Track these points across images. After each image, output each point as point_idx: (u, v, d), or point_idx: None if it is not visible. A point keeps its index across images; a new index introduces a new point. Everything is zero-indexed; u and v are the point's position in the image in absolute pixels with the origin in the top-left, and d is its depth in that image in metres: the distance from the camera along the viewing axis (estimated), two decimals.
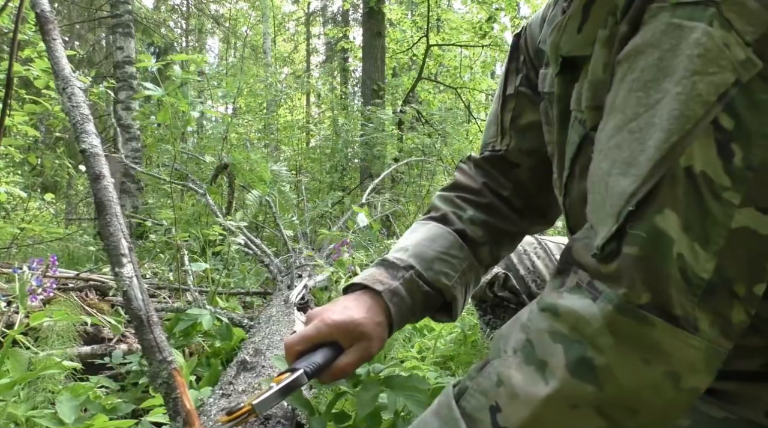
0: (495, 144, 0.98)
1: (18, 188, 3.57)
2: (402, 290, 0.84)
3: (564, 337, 0.53)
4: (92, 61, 9.16)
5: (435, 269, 0.87)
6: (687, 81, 0.50)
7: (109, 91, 4.27)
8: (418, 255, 0.88)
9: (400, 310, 0.83)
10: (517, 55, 0.96)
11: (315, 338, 0.78)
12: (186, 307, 1.91)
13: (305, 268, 2.54)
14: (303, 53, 16.31)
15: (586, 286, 0.53)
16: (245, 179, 4.39)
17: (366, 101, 7.92)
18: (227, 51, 14.51)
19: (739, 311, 0.51)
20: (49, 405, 1.14)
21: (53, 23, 1.28)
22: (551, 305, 0.55)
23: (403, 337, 1.68)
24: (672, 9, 0.53)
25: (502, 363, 0.57)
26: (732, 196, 0.50)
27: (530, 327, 0.56)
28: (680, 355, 0.50)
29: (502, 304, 1.15)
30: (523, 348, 0.56)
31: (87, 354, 1.54)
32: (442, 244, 0.90)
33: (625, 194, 0.52)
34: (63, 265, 3.35)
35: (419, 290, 0.86)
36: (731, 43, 0.50)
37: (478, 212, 0.94)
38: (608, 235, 0.52)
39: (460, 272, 0.89)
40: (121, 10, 6.09)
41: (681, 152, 0.50)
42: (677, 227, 0.50)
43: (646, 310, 0.50)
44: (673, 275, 0.49)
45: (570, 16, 0.69)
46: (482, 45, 8.64)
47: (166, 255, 3.17)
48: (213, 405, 1.06)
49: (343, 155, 7.52)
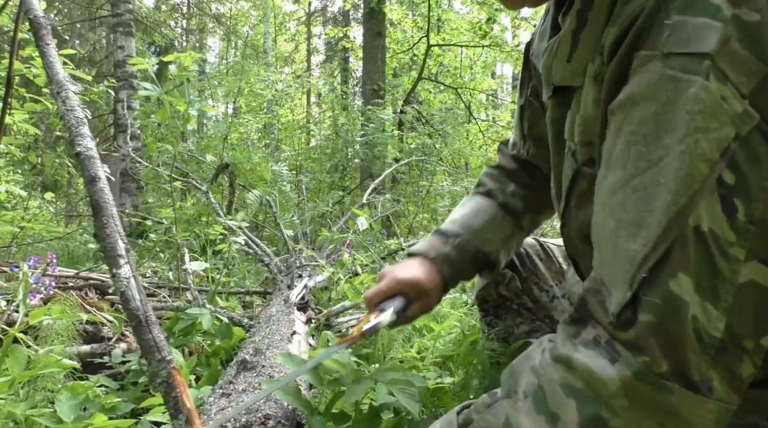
0: (520, 147, 1.07)
1: (18, 186, 3.57)
2: (452, 254, 0.98)
3: (578, 393, 0.52)
4: (93, 60, 9.16)
5: (481, 237, 1.01)
6: (690, 139, 0.49)
7: (109, 91, 4.27)
8: (465, 226, 1.02)
9: (451, 270, 0.98)
10: (528, 64, 0.97)
11: (388, 291, 0.92)
12: (186, 306, 1.91)
13: (305, 268, 2.54)
14: (303, 53, 16.31)
15: (605, 344, 0.52)
16: (246, 178, 4.39)
17: (366, 101, 7.92)
18: (228, 50, 14.51)
19: (747, 365, 0.50)
20: (49, 404, 1.14)
21: (47, 29, 1.30)
22: (566, 358, 0.54)
23: (403, 337, 1.68)
24: (663, 59, 0.52)
25: (512, 405, 0.56)
26: (737, 251, 0.49)
27: (542, 374, 0.56)
28: (696, 421, 0.49)
29: (504, 305, 1.15)
30: (535, 394, 0.55)
31: (86, 352, 1.54)
32: (487, 215, 1.03)
33: (637, 260, 0.51)
34: (63, 264, 3.35)
35: (467, 253, 1.00)
36: (728, 95, 0.49)
37: (518, 187, 1.06)
38: (623, 302, 0.52)
39: (502, 237, 1.03)
40: (121, 9, 6.09)
41: (690, 213, 0.49)
42: (691, 289, 0.49)
43: (665, 378, 0.49)
44: (690, 340, 0.49)
45: (560, 42, 0.68)
46: (482, 45, 8.63)
47: (167, 254, 3.17)
48: (213, 404, 1.06)
49: (343, 155, 7.52)
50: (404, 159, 6.17)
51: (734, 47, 0.49)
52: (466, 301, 2.18)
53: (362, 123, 7.23)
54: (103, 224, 1.00)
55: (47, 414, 1.06)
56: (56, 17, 8.89)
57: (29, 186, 4.81)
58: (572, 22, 0.66)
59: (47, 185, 6.54)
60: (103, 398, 1.25)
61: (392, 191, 6.22)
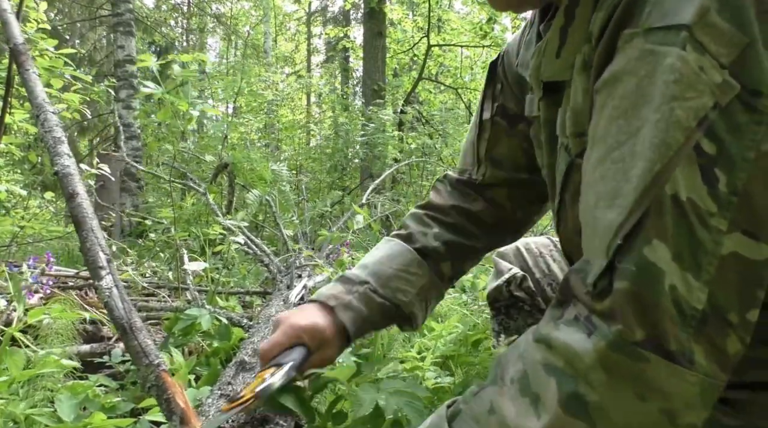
0: (472, 173, 1.02)
1: (18, 186, 3.57)
2: (355, 303, 0.89)
3: (557, 371, 0.52)
4: (93, 59, 9.16)
5: (391, 286, 0.92)
6: (665, 107, 0.49)
7: (109, 90, 4.27)
8: (375, 273, 0.93)
9: (354, 321, 0.88)
10: (494, 82, 0.96)
11: (286, 342, 0.84)
12: (185, 306, 1.91)
13: (305, 268, 2.54)
14: (304, 53, 16.32)
15: (584, 320, 0.52)
16: (245, 178, 4.39)
17: (367, 101, 7.92)
18: (228, 50, 14.51)
19: (733, 340, 0.50)
20: (48, 403, 1.14)
21: (26, 55, 1.36)
22: (545, 337, 0.54)
23: (403, 337, 1.68)
24: (645, 35, 0.52)
25: (497, 391, 0.56)
26: (719, 222, 0.49)
27: (526, 357, 0.56)
28: (676, 391, 0.49)
29: (516, 305, 1.13)
30: (520, 378, 0.55)
31: (86, 352, 1.54)
32: (401, 262, 0.95)
33: (613, 227, 0.51)
34: (63, 263, 3.35)
35: (374, 302, 0.91)
36: (706, 66, 0.49)
37: (442, 230, 0.99)
38: (599, 271, 0.52)
39: (417, 288, 0.94)
40: (122, 9, 6.10)
41: (665, 180, 0.49)
42: (667, 257, 0.49)
43: (641, 347, 0.48)
44: (667, 309, 0.48)
45: (548, 40, 0.69)
46: (483, 45, 8.64)
47: (166, 254, 3.17)
48: (211, 405, 1.06)
49: (343, 155, 7.52)
50: (404, 159, 6.18)
51: (713, 19, 0.49)
52: (466, 301, 2.18)
53: (362, 123, 7.23)
54: (84, 237, 1.02)
55: (47, 414, 1.06)
56: (57, 17, 8.90)
57: (29, 185, 4.81)
58: (559, 19, 0.67)
59: (47, 184, 6.53)
60: (103, 397, 1.25)
61: (392, 191, 6.22)
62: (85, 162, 6.18)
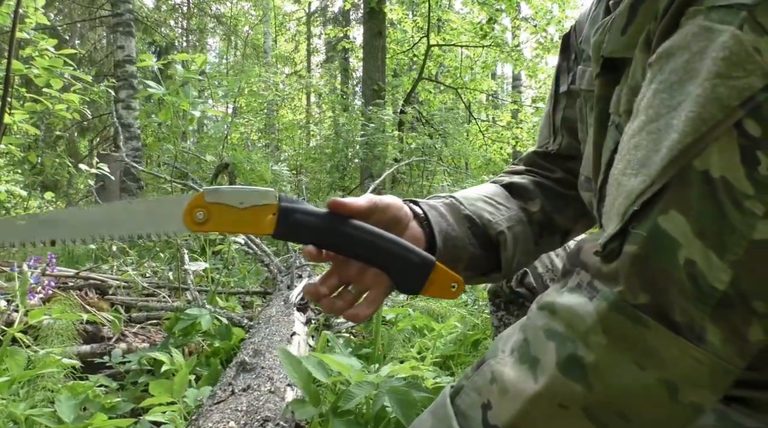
0: (548, 145, 0.96)
1: (18, 186, 3.57)
2: (441, 208, 0.81)
3: (558, 335, 0.52)
4: (93, 60, 9.16)
5: (477, 205, 0.84)
6: (708, 83, 0.49)
7: (109, 90, 4.27)
8: (461, 194, 0.86)
9: (439, 224, 0.79)
10: (568, 53, 0.94)
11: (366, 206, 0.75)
12: (186, 306, 1.91)
13: (305, 268, 2.54)
14: (304, 53, 16.32)
15: (586, 286, 0.53)
16: (246, 178, 4.39)
17: (367, 101, 7.92)
18: (228, 50, 14.51)
19: (756, 329, 0.48)
20: (49, 403, 1.14)
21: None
22: (549, 303, 0.54)
23: (403, 337, 1.68)
24: (706, 12, 0.51)
25: (497, 362, 0.56)
26: (755, 205, 0.47)
27: (528, 325, 0.56)
28: (678, 364, 0.48)
29: (516, 301, 1.12)
30: (519, 347, 0.55)
31: (86, 352, 1.54)
32: (487, 190, 0.89)
33: (633, 194, 0.51)
34: (63, 263, 3.35)
35: (459, 214, 0.82)
36: (763, 48, 0.48)
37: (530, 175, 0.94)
38: (611, 233, 0.51)
39: (506, 217, 0.85)
40: (121, 9, 6.10)
41: (695, 154, 0.48)
42: (688, 231, 0.48)
43: (642, 311, 0.48)
44: (678, 280, 0.48)
45: (617, 15, 0.67)
46: (482, 45, 8.63)
47: (166, 254, 3.17)
48: (212, 405, 1.06)
49: (343, 155, 7.52)
50: (404, 159, 6.17)
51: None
52: (466, 301, 2.18)
53: (362, 123, 7.23)
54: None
55: (47, 414, 1.06)
56: (57, 17, 8.90)
57: (29, 186, 4.81)
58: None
59: (47, 184, 6.54)
60: (103, 398, 1.25)
61: (392, 191, 6.22)
62: (85, 162, 6.18)
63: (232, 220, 0.67)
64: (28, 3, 2.46)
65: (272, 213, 0.67)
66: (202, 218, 0.67)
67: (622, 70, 0.67)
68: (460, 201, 0.83)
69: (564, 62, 0.94)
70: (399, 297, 2.51)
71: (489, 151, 9.90)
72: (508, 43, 9.30)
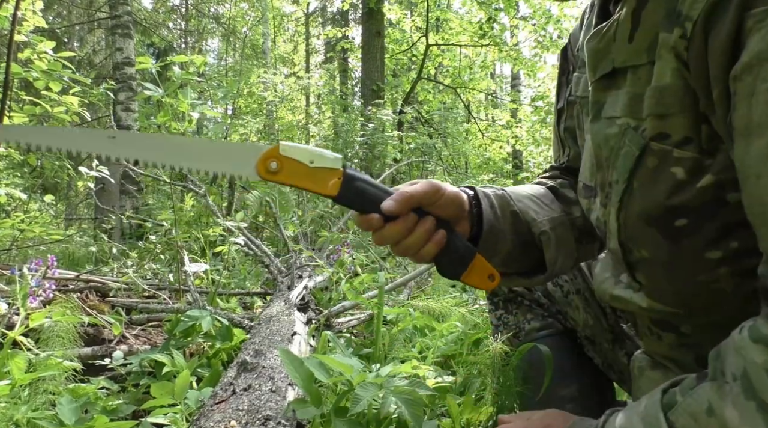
0: (560, 159, 0.98)
1: (18, 189, 3.57)
2: (492, 198, 0.83)
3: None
4: (92, 62, 9.16)
5: (525, 202, 0.86)
6: None
7: (108, 93, 4.27)
8: (510, 190, 0.88)
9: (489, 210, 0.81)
10: (566, 67, 0.95)
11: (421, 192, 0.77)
12: (186, 308, 1.91)
13: (305, 268, 2.54)
14: (302, 53, 16.31)
15: None
16: (245, 179, 4.38)
17: (366, 101, 7.92)
18: (227, 51, 14.51)
19: None
20: (50, 406, 1.14)
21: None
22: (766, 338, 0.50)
23: (404, 337, 1.68)
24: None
25: (717, 390, 0.53)
26: None
27: (745, 356, 0.52)
28: None
29: (515, 299, 1.11)
30: (743, 377, 0.51)
31: (87, 355, 1.54)
32: (535, 190, 0.90)
33: None
34: (63, 266, 3.35)
35: (508, 209, 0.83)
36: None
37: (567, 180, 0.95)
38: None
39: (549, 217, 0.86)
40: (120, 11, 6.10)
41: None
42: None
43: None
44: None
45: (620, 24, 0.67)
46: (481, 45, 8.63)
47: (167, 256, 3.17)
48: (214, 405, 1.06)
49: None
50: (404, 159, 6.17)
51: None
52: (466, 300, 2.18)
53: (362, 123, 7.23)
54: None
55: (49, 417, 1.06)
56: (55, 19, 8.90)
57: (29, 189, 4.81)
58: (631, 3, 0.65)
59: (47, 187, 6.53)
60: (105, 400, 1.25)
61: None
62: (84, 165, 6.18)
63: (300, 175, 0.74)
64: (26, 6, 2.46)
65: (337, 177, 0.73)
66: (275, 168, 0.73)
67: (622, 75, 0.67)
68: (510, 196, 0.85)
69: (563, 77, 0.95)
70: (399, 297, 2.51)
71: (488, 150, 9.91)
72: (507, 42, 9.30)
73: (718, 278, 0.62)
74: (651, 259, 0.66)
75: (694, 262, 0.62)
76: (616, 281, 0.76)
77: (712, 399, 0.53)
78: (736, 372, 0.52)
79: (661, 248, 0.64)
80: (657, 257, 0.66)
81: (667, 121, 0.61)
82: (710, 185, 0.59)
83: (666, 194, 0.62)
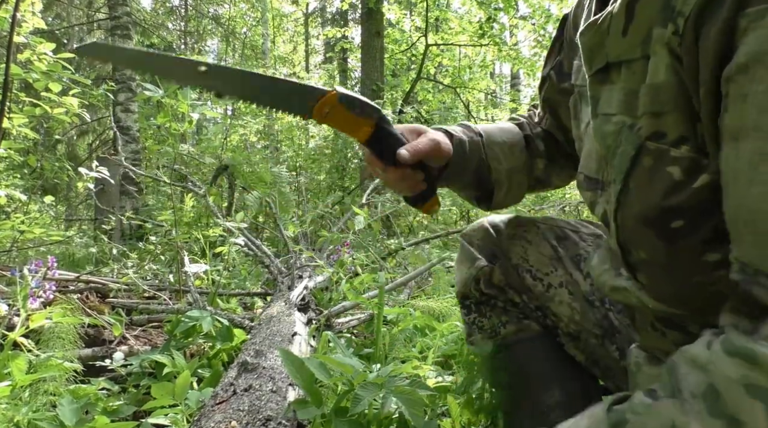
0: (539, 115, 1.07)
1: (18, 190, 3.57)
2: (466, 143, 0.97)
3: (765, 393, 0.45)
4: (91, 63, 9.16)
5: (494, 149, 0.99)
6: None
7: (108, 94, 4.28)
8: (488, 133, 1.01)
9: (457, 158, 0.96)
10: (561, 35, 0.94)
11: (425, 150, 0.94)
12: (186, 308, 1.91)
13: (306, 269, 2.54)
14: (302, 54, 16.32)
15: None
16: (245, 180, 4.39)
17: None
18: (226, 51, 14.51)
19: None
20: (51, 407, 1.14)
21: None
22: (748, 352, 0.47)
23: (405, 337, 1.68)
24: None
25: (678, 408, 0.50)
26: None
27: (714, 371, 0.49)
28: None
29: (488, 302, 1.04)
30: (705, 394, 0.49)
31: (88, 356, 1.54)
32: (510, 137, 1.02)
33: None
34: (64, 267, 3.35)
35: (475, 154, 0.98)
36: None
37: (544, 133, 1.06)
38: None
39: (510, 166, 1.00)
40: (119, 12, 6.10)
41: None
42: None
43: None
44: None
45: (613, 17, 0.65)
46: (480, 44, 8.63)
47: (167, 257, 3.17)
48: (214, 405, 1.06)
49: (342, 155, 7.51)
50: None
51: None
52: None
53: None
54: None
55: (49, 418, 1.06)
56: (54, 20, 8.90)
57: (29, 190, 4.81)
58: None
59: (47, 188, 6.54)
60: (105, 401, 1.25)
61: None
62: (84, 166, 6.19)
63: (343, 121, 0.84)
64: (26, 7, 2.46)
65: (370, 126, 0.85)
66: (326, 112, 0.82)
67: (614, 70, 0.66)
68: (484, 143, 0.99)
69: (555, 44, 0.96)
70: (399, 297, 2.51)
71: None
72: (507, 41, 9.31)
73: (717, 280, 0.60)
74: (650, 261, 0.66)
75: (692, 264, 0.62)
76: (617, 273, 0.75)
77: (675, 417, 0.50)
78: (695, 390, 0.50)
79: (659, 250, 0.63)
80: (655, 258, 0.65)
81: (663, 119, 0.60)
82: (706, 185, 0.58)
83: (662, 195, 0.61)
